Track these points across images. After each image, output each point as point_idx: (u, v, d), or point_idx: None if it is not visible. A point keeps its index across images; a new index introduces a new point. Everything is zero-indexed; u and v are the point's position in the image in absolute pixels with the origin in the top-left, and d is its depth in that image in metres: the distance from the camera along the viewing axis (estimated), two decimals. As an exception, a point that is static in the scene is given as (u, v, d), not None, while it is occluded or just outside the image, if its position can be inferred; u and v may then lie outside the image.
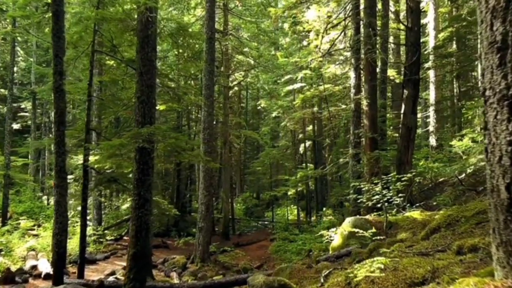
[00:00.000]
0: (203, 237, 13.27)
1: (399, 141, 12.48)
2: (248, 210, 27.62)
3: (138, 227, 6.81)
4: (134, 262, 6.70)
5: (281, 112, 23.63)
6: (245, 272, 13.25)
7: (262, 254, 16.40)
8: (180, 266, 12.77)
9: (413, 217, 8.33)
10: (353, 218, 8.71)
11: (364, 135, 12.22)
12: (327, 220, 16.57)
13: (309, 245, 14.68)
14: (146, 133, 6.57)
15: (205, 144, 13.70)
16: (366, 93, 12.58)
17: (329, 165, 15.68)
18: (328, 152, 25.32)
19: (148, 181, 7.00)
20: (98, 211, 15.68)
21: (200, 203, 13.52)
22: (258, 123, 34.73)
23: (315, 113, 21.07)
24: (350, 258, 7.29)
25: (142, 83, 7.16)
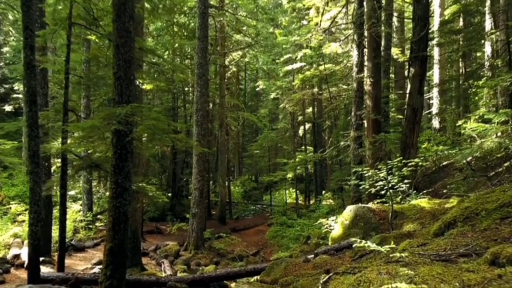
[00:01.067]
0: (197, 223, 12.58)
1: (404, 123, 11.62)
2: (246, 194, 26.98)
3: (116, 219, 6.04)
4: (112, 257, 5.95)
5: (280, 93, 22.67)
6: (240, 260, 12.63)
7: (259, 239, 15.78)
8: (173, 253, 12.12)
9: (421, 206, 7.56)
10: (355, 207, 7.94)
11: (367, 116, 11.36)
12: (326, 205, 15.87)
13: (308, 231, 14.03)
14: (121, 113, 5.72)
15: (198, 127, 12.88)
16: (369, 71, 11.65)
17: (329, 149, 14.87)
18: (328, 134, 24.49)
19: (127, 168, 6.19)
20: (88, 196, 14.96)
21: (194, 188, 12.78)
22: (257, 105, 33.78)
23: (315, 94, 20.12)
24: (352, 251, 6.56)
25: (118, 57, 6.27)
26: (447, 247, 3.95)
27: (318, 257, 6.85)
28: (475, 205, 5.01)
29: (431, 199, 8.02)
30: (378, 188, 7.99)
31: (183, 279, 7.38)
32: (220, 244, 13.44)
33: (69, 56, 8.38)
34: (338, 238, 7.88)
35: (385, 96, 15.12)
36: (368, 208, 7.78)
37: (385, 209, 7.80)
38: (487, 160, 10.22)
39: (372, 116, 11.23)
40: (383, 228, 7.38)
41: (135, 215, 10.08)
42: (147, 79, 9.69)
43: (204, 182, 12.83)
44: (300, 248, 13.10)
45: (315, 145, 22.32)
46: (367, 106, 11.63)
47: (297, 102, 21.23)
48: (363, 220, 7.58)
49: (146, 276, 7.51)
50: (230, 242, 13.84)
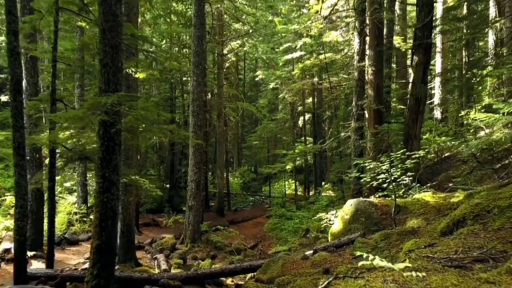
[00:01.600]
0: (194, 216, 12.25)
1: (407, 114, 11.20)
2: (246, 185, 26.65)
3: (103, 215, 5.68)
4: (99, 255, 5.60)
5: (279, 83, 22.18)
6: (238, 253, 12.34)
7: (257, 232, 15.48)
8: (169, 247, 11.81)
9: (425, 200, 7.19)
10: (356, 201, 7.58)
11: (368, 106, 10.94)
12: (325, 197, 15.53)
13: (307, 224, 13.73)
14: (107, 103, 5.31)
15: (194, 117, 12.47)
16: (371, 60, 11.20)
17: (329, 140, 14.48)
18: (328, 125, 24.07)
19: (115, 161, 5.81)
20: (83, 188, 14.62)
21: (190, 181, 12.42)
22: (257, 95, 33.27)
23: (315, 84, 19.65)
24: (353, 248, 6.21)
25: (105, 43, 5.84)
26: (458, 250, 3.58)
27: (317, 254, 6.51)
28: (486, 201, 4.64)
29: (435, 192, 7.64)
30: (380, 181, 7.64)
31: (176, 276, 7.05)
32: (217, 237, 13.13)
33: (56, 43, 7.94)
34: (338, 233, 7.53)
35: (387, 85, 14.68)
36: (370, 202, 7.42)
37: (387, 203, 7.44)
38: (493, 152, 9.84)
39: (374, 106, 10.81)
40: (385, 223, 7.03)
41: (129, 208, 9.73)
42: (140, 68, 9.24)
43: (201, 174, 12.47)
44: (299, 241, 12.79)
45: (315, 136, 21.92)
46: (369, 96, 11.20)
47: (297, 92, 20.77)
48: (364, 215, 7.23)
49: (138, 273, 7.19)
50: (228, 235, 13.53)
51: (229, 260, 11.62)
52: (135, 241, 10.17)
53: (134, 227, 10.00)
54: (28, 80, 10.51)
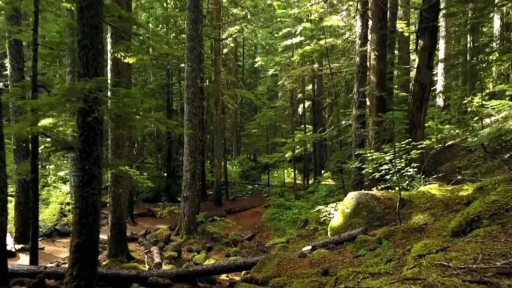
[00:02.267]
0: (189, 207, 11.81)
1: (411, 100, 10.66)
2: (244, 173, 26.21)
3: (83, 211, 5.20)
4: (79, 254, 5.15)
5: (278, 69, 21.53)
6: (234, 245, 11.93)
7: (255, 222, 15.07)
8: (163, 239, 11.40)
9: (431, 193, 6.72)
10: (357, 194, 7.10)
11: (370, 93, 10.38)
12: (325, 186, 15.07)
13: (305, 215, 13.29)
14: (84, 89, 4.78)
15: (189, 104, 11.92)
16: (373, 44, 10.59)
17: (329, 128, 13.94)
18: (328, 113, 23.50)
19: (95, 152, 5.30)
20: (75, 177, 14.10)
21: (185, 170, 11.94)
22: (256, 82, 32.57)
23: (315, 70, 19.01)
24: (354, 246, 5.75)
25: (83, 22, 5.27)
26: (477, 257, 3.10)
27: (315, 251, 6.06)
28: (504, 198, 4.14)
29: (442, 185, 7.16)
30: (383, 172, 7.15)
31: (166, 274, 6.62)
32: (213, 228, 12.70)
33: (36, 24, 7.35)
34: (338, 228, 7.08)
35: (389, 72, 14.09)
36: (372, 195, 6.94)
37: (391, 196, 6.96)
38: (502, 141, 9.32)
39: (376, 93, 10.25)
40: (388, 218, 6.57)
41: (120, 200, 9.27)
42: (130, 52, 8.66)
43: (196, 163, 11.99)
44: (297, 232, 12.38)
45: (315, 124, 21.38)
46: (371, 82, 10.63)
47: (297, 78, 20.14)
48: (366, 209, 6.76)
49: (126, 270, 6.75)
50: (225, 225, 13.11)
51: (225, 252, 11.22)
52: (126, 233, 9.73)
53: (125, 219, 9.56)
54: (13, 66, 9.96)
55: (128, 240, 11.22)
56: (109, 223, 9.24)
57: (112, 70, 9.25)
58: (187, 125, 11.87)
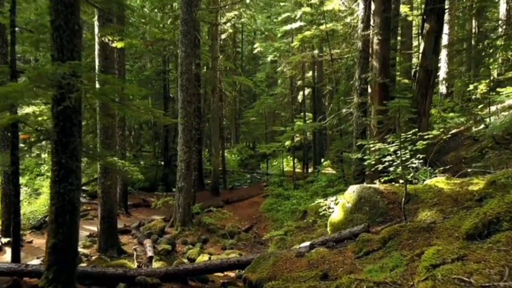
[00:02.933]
0: (184, 198, 11.37)
1: (415, 88, 10.10)
2: (243, 162, 25.74)
3: (60, 209, 4.72)
4: (55, 256, 4.69)
5: (277, 55, 20.86)
6: (231, 237, 11.53)
7: (253, 212, 14.65)
8: (157, 231, 10.98)
9: (438, 187, 6.23)
10: (359, 187, 6.61)
11: (373, 80, 9.81)
12: (325, 176, 14.60)
13: (304, 205, 12.86)
14: (56, 74, 4.25)
15: (183, 92, 11.37)
16: (377, 27, 9.96)
17: (329, 117, 13.40)
18: (328, 100, 22.91)
19: (73, 144, 4.79)
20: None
21: (180, 161, 11.46)
22: (255, 69, 31.88)
23: (315, 56, 18.36)
24: (355, 245, 5.28)
25: (56, 0, 4.72)
26: (503, 271, 2.62)
27: (314, 250, 5.60)
28: (526, 198, 3.66)
29: (449, 178, 6.67)
30: (387, 164, 6.66)
31: (155, 273, 6.18)
32: (210, 219, 12.29)
33: (14, 4, 6.76)
34: (339, 223, 6.61)
35: (392, 57, 13.48)
36: (375, 189, 6.46)
37: (395, 190, 6.47)
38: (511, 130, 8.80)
39: (379, 79, 9.68)
40: (392, 214, 6.09)
41: (110, 192, 8.81)
42: (117, 36, 8.08)
43: (191, 153, 11.49)
44: (296, 224, 11.95)
45: (315, 112, 20.82)
46: (374, 68, 10.05)
47: (296, 65, 19.50)
48: (368, 204, 6.28)
49: (112, 269, 6.31)
50: (221, 216, 12.70)
51: (221, 245, 10.82)
52: (117, 226, 9.30)
53: (116, 211, 9.11)
54: (-4, 51, 9.38)
55: (120, 233, 10.84)
56: (99, 216, 8.80)
57: (100, 55, 8.67)
58: (181, 113, 11.34)
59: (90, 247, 8.97)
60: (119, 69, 13.09)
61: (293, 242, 10.15)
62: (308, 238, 10.19)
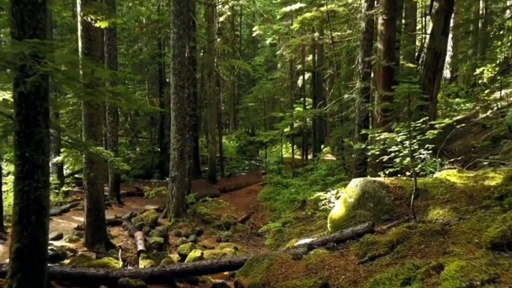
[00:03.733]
0: (177, 188, 10.81)
1: (422, 72, 9.40)
2: (242, 148, 25.11)
3: (24, 209, 4.14)
4: (20, 262, 4.13)
5: (276, 38, 20.00)
6: (227, 228, 11.01)
7: (250, 201, 14.13)
8: (149, 222, 10.45)
9: (450, 181, 5.64)
10: (362, 181, 6.01)
11: (377, 63, 9.11)
12: (324, 165, 14.00)
13: (303, 195, 12.32)
14: (13, 54, 3.61)
15: (176, 76, 10.68)
16: (382, 6, 9.19)
17: (330, 103, 12.72)
18: (329, 85, 22.16)
19: (38, 135, 4.17)
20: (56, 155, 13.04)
21: (173, 149, 10.86)
22: (254, 52, 30.91)
23: (315, 39, 17.53)
24: (359, 247, 4.71)
25: (14, -32, 4.03)
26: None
27: (312, 252, 5.04)
28: None
29: (461, 170, 6.07)
30: (393, 155, 6.05)
31: (140, 274, 5.64)
32: (205, 209, 11.75)
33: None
34: (340, 220, 6.04)
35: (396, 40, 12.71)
36: (380, 183, 5.85)
37: (402, 184, 5.87)
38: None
39: (384, 62, 8.97)
40: (399, 211, 5.51)
41: (96, 183, 8.23)
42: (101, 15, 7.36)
43: (184, 141, 10.87)
44: (294, 214, 11.44)
45: (315, 97, 20.10)
46: (378, 51, 9.33)
47: (296, 48, 18.66)
48: (373, 200, 5.69)
49: (93, 269, 5.78)
50: (217, 206, 12.15)
51: (216, 237, 10.32)
52: (105, 218, 8.75)
53: (103, 203, 8.54)
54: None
55: (111, 224, 10.33)
56: (85, 208, 8.24)
57: (83, 36, 7.95)
58: (174, 99, 10.68)
59: (76, 241, 8.45)
60: (110, 52, 12.37)
61: (291, 235, 9.64)
62: (307, 231, 9.68)
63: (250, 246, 9.81)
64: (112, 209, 12.06)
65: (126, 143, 22.28)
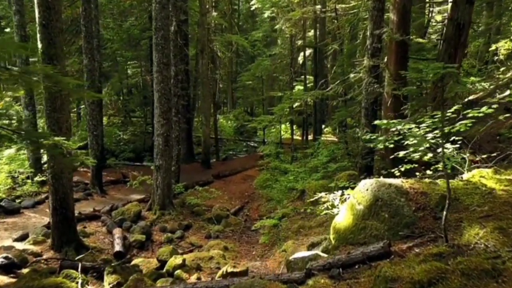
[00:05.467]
0: (162, 178, 9.61)
1: (441, 47, 7.97)
2: (239, 129, 23.78)
3: None
4: None
5: (275, 11, 18.32)
6: (218, 221, 9.88)
7: (245, 189, 12.98)
8: (131, 216, 9.31)
9: (486, 186, 4.38)
10: (374, 183, 4.74)
11: (390, 36, 7.68)
12: (326, 151, 12.71)
13: (302, 183, 11.13)
14: None
15: (158, 52, 9.28)
16: (396, -31, 7.69)
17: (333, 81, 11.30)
18: (331, 62, 20.62)
19: None
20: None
21: (156, 135, 9.60)
22: (253, 28, 29.08)
23: (317, 12, 15.91)
24: (373, 282, 3.51)
25: None
26: None
27: (311, 281, 3.85)
28: None
29: (498, 170, 4.80)
30: (412, 149, 4.80)
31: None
32: (195, 200, 10.60)
33: None
34: (346, 231, 4.82)
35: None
36: (397, 188, 4.59)
37: (425, 189, 4.60)
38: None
39: (397, 36, 7.55)
40: (423, 226, 4.26)
41: (62, 178, 7.01)
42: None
43: (170, 125, 9.57)
44: (292, 205, 10.30)
45: (316, 75, 18.60)
46: (391, 22, 7.89)
47: (296, 22, 17.08)
48: (388, 209, 4.45)
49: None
50: (208, 196, 11.01)
51: (206, 232, 9.21)
52: (74, 217, 7.56)
53: (72, 200, 7.32)
54: None
55: (88, 219, 9.22)
56: (50, 206, 7.07)
57: (40, 4, 6.55)
58: (157, 79, 9.33)
59: (42, 243, 7.31)
60: (87, 25, 10.89)
61: (288, 232, 8.50)
62: (305, 228, 8.52)
63: (243, 244, 8.70)
64: (93, 199, 10.92)
65: (118, 123, 20.97)
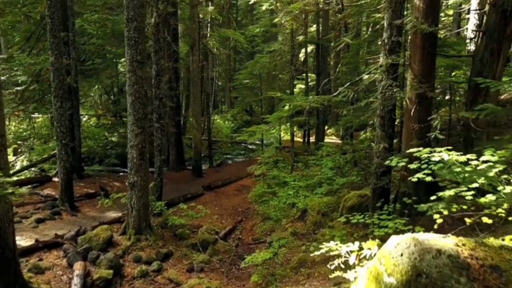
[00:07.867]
0: (137, 197, 8.00)
1: (479, 41, 6.28)
2: (238, 130, 22.13)
3: None
4: None
5: (274, 3, 16.60)
6: (203, 248, 8.26)
7: (239, 203, 11.36)
8: (100, 244, 7.68)
9: None
10: (413, 245, 3.06)
11: (414, 27, 5.99)
12: (330, 162, 11.01)
13: (304, 199, 9.51)
14: None
15: (131, 48, 7.64)
16: None
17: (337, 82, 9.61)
18: (334, 59, 18.92)
19: None
20: None
21: (130, 146, 7.98)
22: (252, 23, 27.38)
23: (319, 4, 14.22)
24: None
25: None
26: None
27: None
28: None
29: None
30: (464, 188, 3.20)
31: None
32: (179, 220, 8.98)
33: None
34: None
35: None
36: (451, 257, 2.90)
37: (495, 260, 2.93)
38: None
39: (425, 27, 5.86)
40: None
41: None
42: None
43: (145, 135, 7.93)
44: (292, 227, 8.68)
45: (319, 73, 16.92)
46: (415, 9, 6.19)
47: (297, 15, 15.35)
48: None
49: None
50: (194, 215, 9.39)
51: (188, 263, 7.59)
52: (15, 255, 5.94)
53: (12, 231, 5.71)
54: None
55: (47, 247, 7.57)
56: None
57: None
58: (130, 80, 7.70)
59: (-26, 289, 5.70)
60: (53, 17, 9.24)
61: (285, 269, 6.87)
62: (307, 262, 6.90)
63: (231, 280, 7.08)
64: (62, 219, 9.30)
65: (107, 124, 19.38)
